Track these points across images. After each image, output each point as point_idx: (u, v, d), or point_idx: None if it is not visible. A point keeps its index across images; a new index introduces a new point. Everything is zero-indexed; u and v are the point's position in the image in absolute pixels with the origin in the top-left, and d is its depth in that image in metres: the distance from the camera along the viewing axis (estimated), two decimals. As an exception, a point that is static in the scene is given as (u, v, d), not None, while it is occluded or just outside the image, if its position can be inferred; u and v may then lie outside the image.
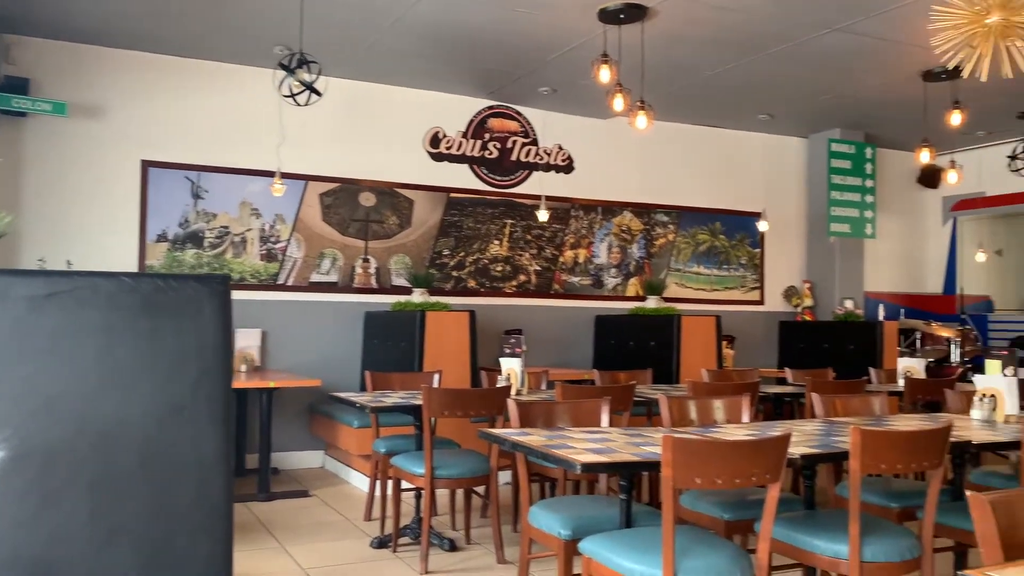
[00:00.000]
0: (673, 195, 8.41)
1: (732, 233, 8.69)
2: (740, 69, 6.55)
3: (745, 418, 3.74)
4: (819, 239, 8.80)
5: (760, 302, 8.82)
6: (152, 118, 6.48)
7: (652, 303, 7.82)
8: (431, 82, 7.09)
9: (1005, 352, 3.84)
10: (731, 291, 8.67)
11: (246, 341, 6.59)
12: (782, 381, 6.41)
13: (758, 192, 8.73)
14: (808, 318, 8.66)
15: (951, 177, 7.37)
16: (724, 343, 7.85)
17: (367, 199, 7.16)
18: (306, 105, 5.43)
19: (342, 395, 4.57)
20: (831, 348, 7.90)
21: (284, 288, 6.84)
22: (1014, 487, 3.46)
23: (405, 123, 7.30)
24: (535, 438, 2.98)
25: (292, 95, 5.35)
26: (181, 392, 1.33)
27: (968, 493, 1.65)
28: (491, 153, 7.60)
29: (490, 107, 7.61)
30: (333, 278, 7.00)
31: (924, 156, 6.96)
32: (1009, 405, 3.74)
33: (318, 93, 5.33)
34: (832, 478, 3.85)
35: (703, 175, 8.55)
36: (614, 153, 8.11)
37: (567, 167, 7.91)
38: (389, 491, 4.86)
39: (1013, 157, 8.13)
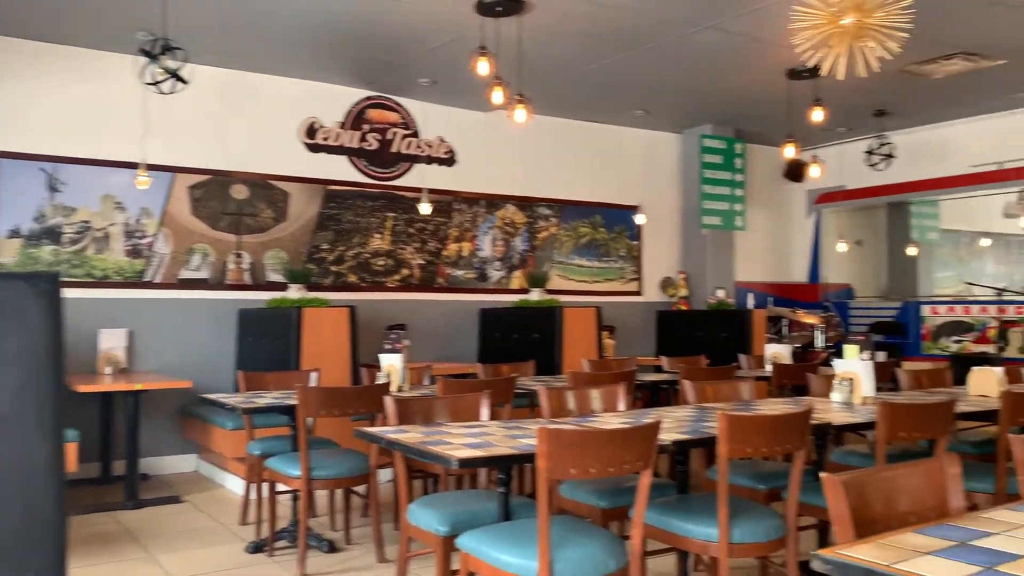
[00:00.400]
0: (555, 188, 8.48)
1: (612, 226, 8.85)
2: (615, 65, 6.66)
3: (621, 406, 3.79)
4: (693, 231, 9.08)
5: (638, 293, 9.03)
6: (2, 105, 6.02)
7: (536, 295, 7.87)
8: (306, 71, 6.88)
9: (862, 337, 4.04)
10: (611, 282, 8.84)
11: (111, 342, 6.23)
12: (660, 369, 6.59)
13: (636, 186, 8.93)
14: (683, 308, 8.93)
15: (814, 171, 7.76)
16: (605, 333, 7.99)
17: (239, 192, 6.89)
18: (171, 93, 5.16)
19: (212, 397, 4.37)
20: (705, 336, 8.17)
21: (152, 286, 6.50)
22: (871, 465, 3.65)
23: (279, 113, 7.06)
24: (412, 435, 2.92)
25: (155, 83, 5.07)
26: (2, 400, 1.21)
27: (822, 475, 1.71)
28: (370, 145, 7.46)
29: (369, 98, 7.46)
30: (204, 274, 6.71)
31: (789, 151, 7.28)
32: (866, 387, 3.94)
33: (183, 81, 5.07)
34: (704, 462, 3.97)
35: (583, 169, 8.67)
36: (496, 146, 8.11)
37: (449, 160, 7.85)
38: (265, 494, 4.69)
39: (870, 152, 8.64)
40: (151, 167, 6.34)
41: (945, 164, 8.79)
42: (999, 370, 4.32)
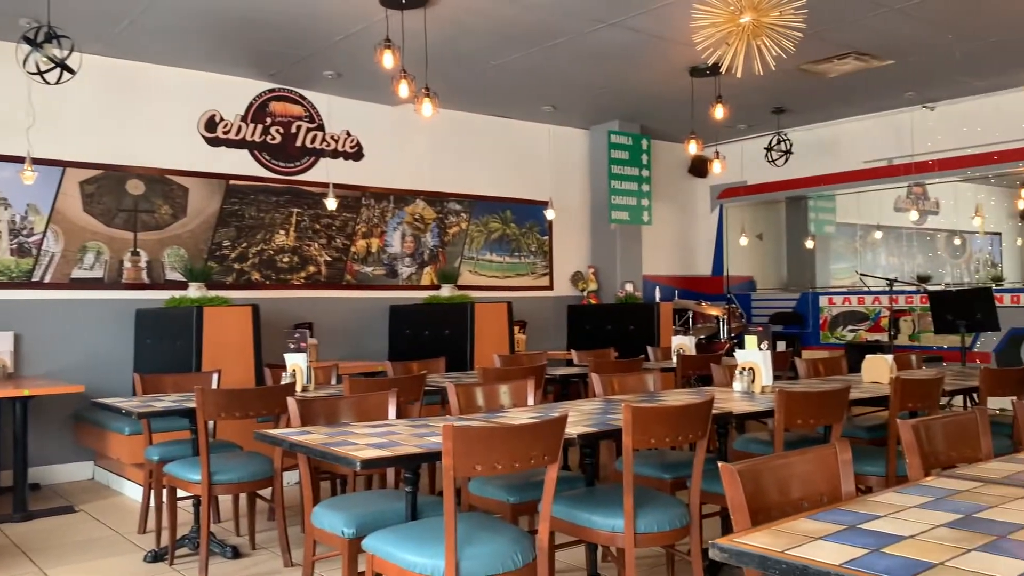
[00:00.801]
0: (465, 184, 8.45)
1: (522, 221, 8.88)
2: (522, 60, 6.67)
3: (531, 401, 3.80)
4: (602, 226, 9.20)
5: (550, 287, 9.09)
6: None
7: (447, 291, 7.83)
8: (204, 62, 6.64)
9: (760, 328, 4.16)
10: (522, 277, 8.87)
11: (-5, 346, 5.88)
12: (571, 363, 6.64)
13: (545, 181, 8.98)
14: (593, 301, 9.04)
15: (716, 167, 7.95)
16: (516, 328, 8.02)
17: (135, 187, 6.60)
18: (57, 83, 4.90)
19: (107, 401, 4.17)
20: (614, 329, 8.29)
21: (41, 286, 6.16)
22: (770, 451, 3.76)
23: (177, 105, 6.79)
24: (315, 436, 2.85)
25: (40, 72, 4.80)
26: None
27: (720, 464, 1.74)
28: (274, 138, 7.26)
29: (271, 90, 7.26)
30: (98, 274, 6.40)
31: (692, 147, 7.45)
32: (765, 376, 4.06)
33: (71, 71, 4.82)
34: (613, 454, 4.01)
35: (493, 164, 8.66)
36: (405, 140, 8.02)
37: (356, 154, 7.72)
38: (165, 501, 4.51)
39: (769, 149, 8.91)
40: (37, 161, 6.00)
41: (840, 160, 9.15)
42: (890, 358, 4.52)
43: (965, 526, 1.55)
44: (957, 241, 10.17)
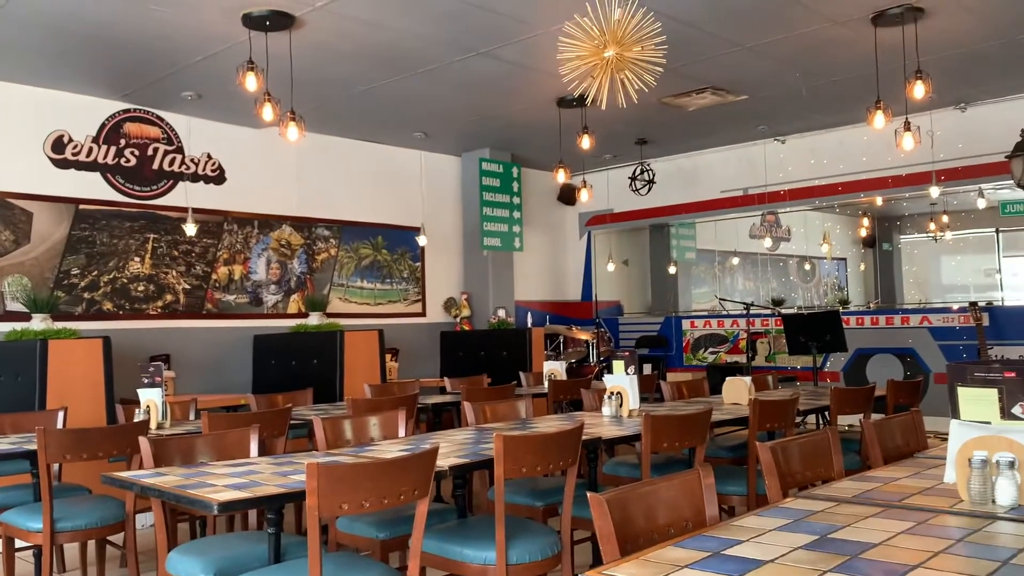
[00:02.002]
0: (334, 209, 8.30)
1: (394, 247, 8.80)
2: (393, 86, 6.63)
3: (402, 432, 3.74)
4: (474, 252, 9.23)
5: (422, 314, 9.02)
6: None
7: (315, 319, 7.63)
8: (51, 79, 6.23)
9: (627, 353, 4.25)
10: (394, 304, 8.77)
11: None
12: (444, 391, 6.59)
13: (417, 207, 8.94)
14: (466, 327, 9.03)
15: (584, 196, 8.14)
16: (388, 356, 7.90)
17: (-30, 211, 6.09)
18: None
19: (-72, 446, 3.78)
20: (487, 355, 8.31)
21: None
22: (638, 474, 3.83)
23: (19, 124, 6.34)
24: (170, 478, 2.69)
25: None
26: None
27: (588, 494, 1.74)
28: (128, 161, 6.90)
29: (126, 110, 6.91)
30: (-76, 305, 5.85)
31: (561, 176, 7.60)
32: (632, 401, 4.14)
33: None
34: (486, 483, 3.99)
35: (364, 189, 8.55)
36: (270, 164, 7.81)
37: (217, 177, 7.45)
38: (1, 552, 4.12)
39: (633, 178, 9.22)
40: None
41: (699, 189, 9.56)
42: (748, 379, 4.72)
43: (821, 547, 1.61)
44: (807, 266, 10.80)
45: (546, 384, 6.07)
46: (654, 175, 9.20)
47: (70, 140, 6.58)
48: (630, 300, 10.94)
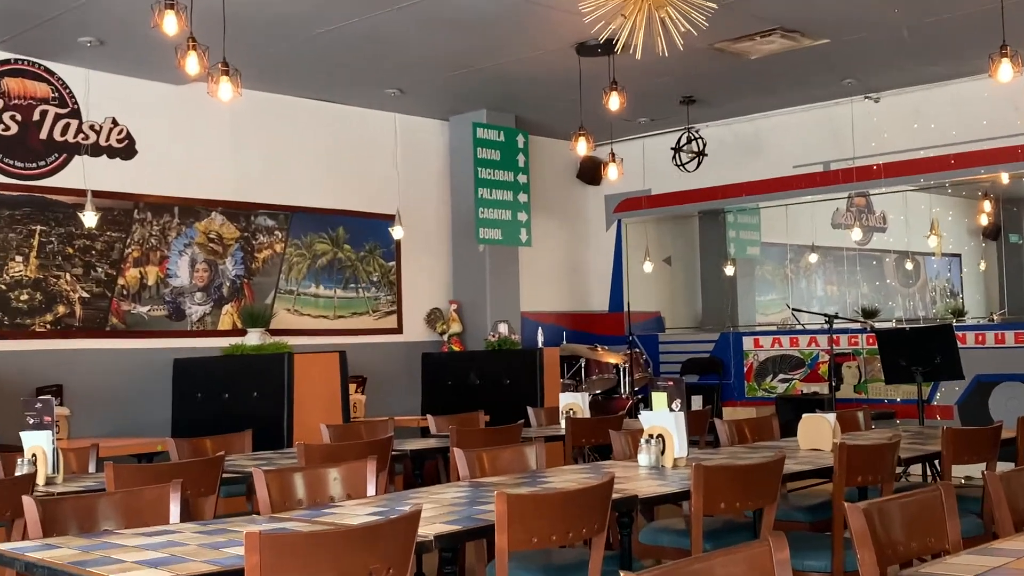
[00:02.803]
0: (281, 191, 8.30)
1: (360, 242, 8.78)
2: (357, 28, 6.62)
3: (371, 489, 3.73)
4: (467, 248, 9.22)
5: (398, 330, 9.00)
6: None
7: (255, 338, 7.63)
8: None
9: (671, 382, 4.22)
10: (360, 317, 8.75)
11: None
12: (426, 432, 6.56)
13: (391, 188, 8.93)
14: (456, 348, 9.01)
15: (612, 172, 8.11)
16: (353, 386, 7.88)
17: None
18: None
19: None
20: (484, 384, 8.28)
21: None
22: (686, 544, 3.80)
23: None
24: (64, 551, 2.72)
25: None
26: None
27: (622, 573, 1.71)
28: (7, 129, 6.96)
29: (5, 61, 6.94)
30: None
31: (582, 146, 7.57)
32: (678, 446, 4.11)
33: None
34: (483, 557, 3.95)
35: (320, 165, 8.55)
36: (196, 133, 7.83)
37: (126, 150, 7.48)
38: None
39: (677, 149, 9.20)
40: None
41: (765, 164, 9.53)
42: (832, 416, 4.69)
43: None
44: (909, 265, 10.75)
45: (563, 424, 6.04)
46: (705, 145, 9.18)
47: (-70, 101, 6.61)
48: (673, 311, 10.90)
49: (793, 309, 9.31)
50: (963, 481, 6.83)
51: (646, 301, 10.65)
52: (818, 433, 4.65)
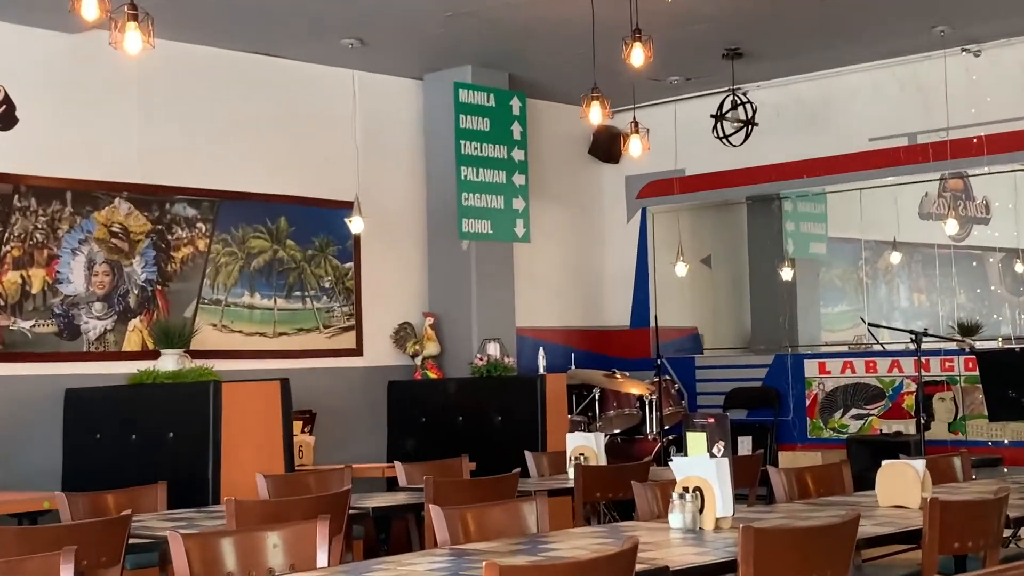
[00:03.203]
0: (205, 172, 8.29)
1: (308, 237, 8.77)
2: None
3: (323, 559, 3.74)
4: (447, 246, 9.19)
5: (356, 351, 8.99)
6: None
7: (170, 362, 7.59)
8: None
9: (711, 419, 4.19)
10: (308, 335, 8.74)
11: None
12: (394, 484, 6.52)
13: (348, 168, 8.90)
14: (433, 374, 8.98)
15: (635, 147, 8.08)
16: (298, 425, 7.86)
17: None
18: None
19: None
20: (469, 422, 8.24)
21: None
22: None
23: None
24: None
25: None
26: None
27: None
28: None
29: None
30: None
31: (595, 114, 7.52)
32: (720, 503, 4.08)
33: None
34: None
35: (256, 139, 8.54)
36: (94, 96, 7.84)
37: (3, 118, 7.50)
38: None
39: (719, 117, 9.16)
40: None
41: (833, 136, 9.52)
42: (920, 464, 4.65)
43: None
44: (1020, 267, 10.71)
45: (571, 473, 6.01)
46: (755, 112, 9.15)
47: None
48: (714, 326, 10.88)
49: (869, 324, 9.27)
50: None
51: (679, 314, 10.62)
52: (902, 485, 4.62)
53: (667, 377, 9.61)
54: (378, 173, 9.11)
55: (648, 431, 9.09)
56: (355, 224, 8.41)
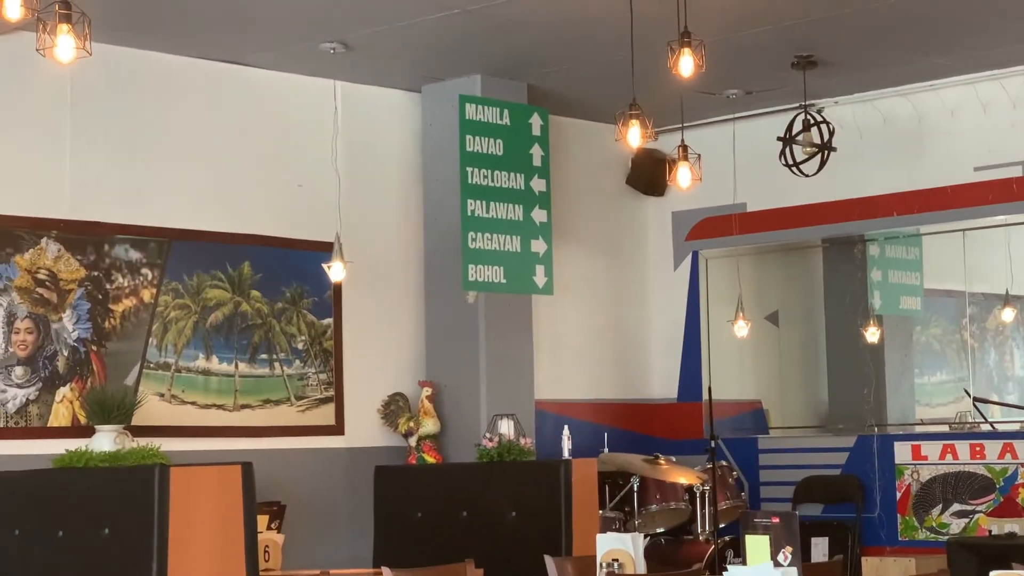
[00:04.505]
0: (152, 207, 8.34)
1: (277, 287, 8.82)
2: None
3: None
4: (450, 298, 9.22)
5: (337, 429, 9.01)
6: None
7: (107, 441, 7.58)
8: None
9: (776, 518, 4.22)
10: (277, 408, 8.77)
11: None
12: (380, 594, 6.55)
13: (327, 202, 8.94)
14: (430, 458, 8.98)
15: (683, 176, 8.12)
16: (264, 519, 7.86)
17: None
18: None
19: None
20: (476, 518, 8.21)
21: None
22: None
23: None
24: None
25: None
26: None
27: None
28: None
29: None
30: None
31: (634, 135, 7.57)
32: (788, 624, 4.11)
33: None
34: None
35: (215, 166, 8.61)
36: (16, 112, 7.90)
37: (-96, 140, 7.59)
38: None
39: (789, 140, 9.19)
40: None
41: (930, 165, 9.56)
42: (1037, 575, 4.67)
43: None
44: None
45: (601, 583, 6.02)
46: (832, 134, 9.19)
47: None
48: (782, 401, 10.88)
49: (975, 399, 9.29)
50: None
51: (738, 385, 10.65)
52: (1014, 602, 4.64)
53: (723, 463, 9.61)
54: (364, 208, 9.17)
55: (699, 531, 9.08)
56: (335, 271, 8.42)
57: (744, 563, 4.22)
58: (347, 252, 8.48)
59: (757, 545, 4.18)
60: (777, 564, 4.17)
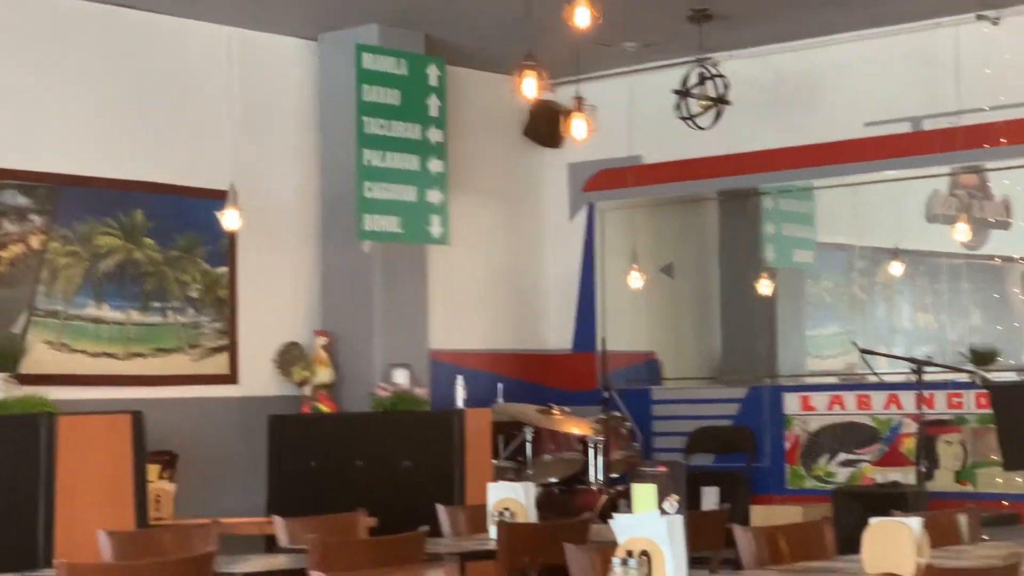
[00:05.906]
0: (39, 152, 8.24)
1: (170, 234, 8.75)
2: None
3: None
4: (345, 248, 9.18)
5: (230, 378, 8.99)
6: None
7: (-5, 389, 7.54)
8: None
9: (663, 467, 4.22)
10: (170, 356, 8.73)
11: None
12: (273, 543, 6.52)
13: (221, 150, 8.88)
14: (325, 408, 8.97)
15: (579, 128, 8.10)
16: (155, 469, 7.81)
17: None
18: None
19: None
20: (370, 467, 8.24)
21: None
22: None
23: None
24: None
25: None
26: None
27: None
28: None
29: None
30: None
31: (530, 86, 7.54)
32: (672, 571, 4.09)
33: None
34: None
35: (106, 111, 8.52)
36: None
37: None
38: None
39: (683, 92, 9.20)
40: None
41: (823, 119, 9.62)
42: (916, 523, 4.69)
43: None
44: (1047, 283, 10.83)
45: (493, 532, 6.03)
46: (727, 88, 9.21)
47: None
48: (676, 352, 10.93)
49: (863, 350, 9.35)
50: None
51: (633, 336, 10.68)
52: (894, 548, 4.65)
53: (616, 414, 9.65)
54: (259, 156, 9.11)
55: (592, 480, 9.11)
56: (229, 219, 8.34)
57: (630, 511, 4.21)
58: (242, 201, 8.41)
59: (644, 493, 4.18)
60: (663, 512, 4.16)
